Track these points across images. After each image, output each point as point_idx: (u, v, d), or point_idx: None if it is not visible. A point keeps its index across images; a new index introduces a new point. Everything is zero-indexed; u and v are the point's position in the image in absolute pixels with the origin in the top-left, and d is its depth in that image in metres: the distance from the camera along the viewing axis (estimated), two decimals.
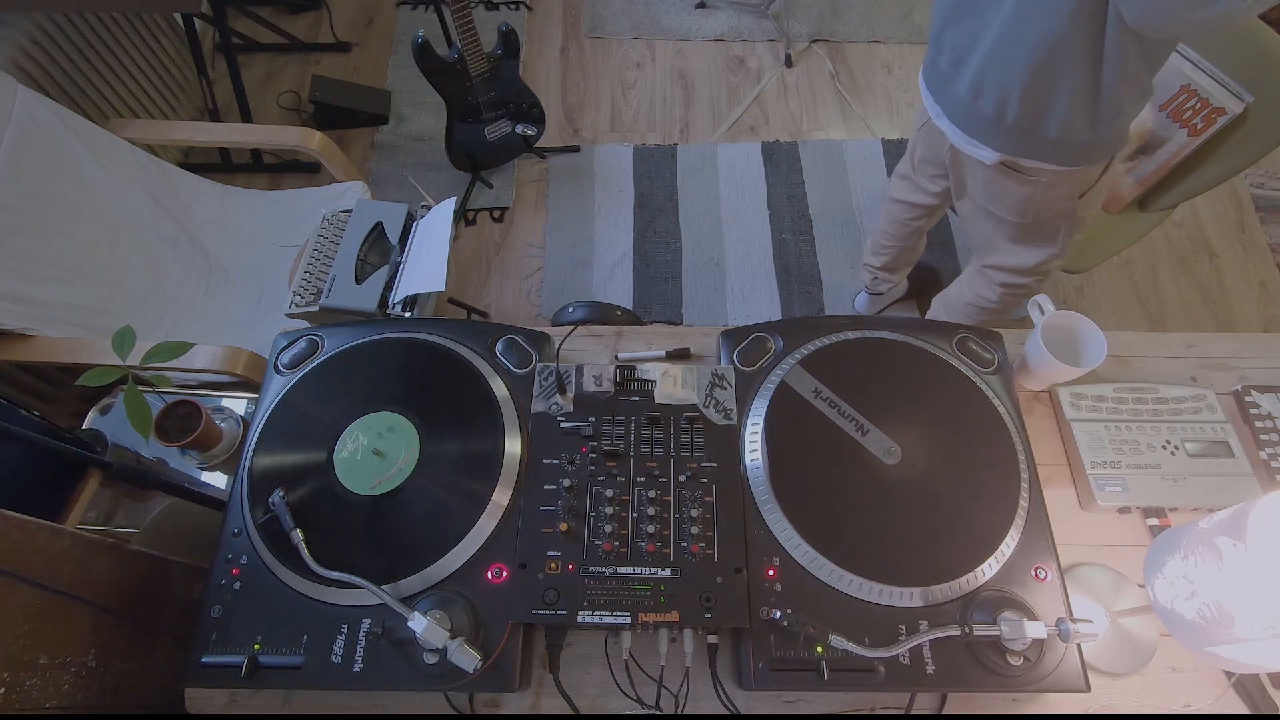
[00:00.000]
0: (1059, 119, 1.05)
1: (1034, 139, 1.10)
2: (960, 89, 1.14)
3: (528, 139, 2.15)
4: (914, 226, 1.69)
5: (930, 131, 1.35)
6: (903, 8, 2.68)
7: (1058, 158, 1.12)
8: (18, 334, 1.30)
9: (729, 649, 0.77)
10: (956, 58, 1.13)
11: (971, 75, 1.11)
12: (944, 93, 1.20)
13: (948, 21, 1.13)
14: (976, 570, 0.75)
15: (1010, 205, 1.28)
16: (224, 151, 2.19)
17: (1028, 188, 1.20)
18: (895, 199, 1.66)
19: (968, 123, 1.17)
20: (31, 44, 1.66)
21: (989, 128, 1.14)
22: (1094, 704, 0.78)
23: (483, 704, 0.78)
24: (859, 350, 0.89)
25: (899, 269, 1.89)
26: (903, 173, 1.60)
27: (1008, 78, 1.05)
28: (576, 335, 1.01)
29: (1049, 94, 1.03)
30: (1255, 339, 1.02)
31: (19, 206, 1.35)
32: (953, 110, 1.19)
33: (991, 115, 1.11)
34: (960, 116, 1.18)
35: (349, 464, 0.81)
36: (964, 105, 1.15)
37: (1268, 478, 0.90)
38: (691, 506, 0.77)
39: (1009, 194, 1.25)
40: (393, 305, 1.45)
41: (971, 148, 1.19)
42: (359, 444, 0.82)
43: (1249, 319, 2.08)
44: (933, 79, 1.23)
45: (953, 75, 1.15)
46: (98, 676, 0.82)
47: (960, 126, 1.19)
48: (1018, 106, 1.07)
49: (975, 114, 1.14)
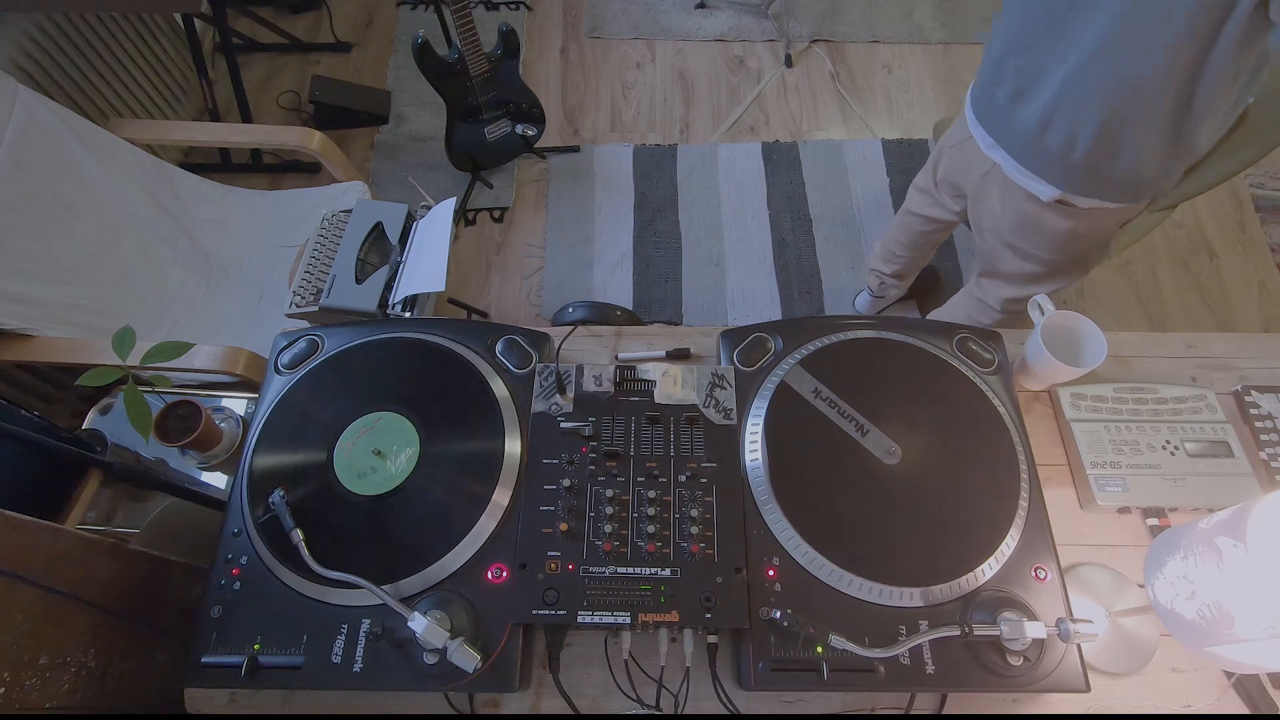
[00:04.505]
0: (1132, 157, 1.00)
1: (1100, 176, 1.05)
2: (1023, 121, 1.08)
3: (528, 139, 2.15)
4: (930, 240, 1.67)
5: (963, 155, 1.29)
6: (903, 8, 2.68)
7: (1120, 195, 1.08)
8: (18, 334, 1.30)
9: (729, 649, 0.77)
10: (1019, 89, 1.07)
11: (1040, 108, 1.04)
12: (1001, 124, 1.13)
13: (1012, 50, 1.07)
14: (976, 570, 0.75)
15: (1045, 242, 1.21)
16: (224, 151, 2.19)
17: (1071, 223, 1.15)
18: (913, 212, 1.60)
19: (1028, 156, 1.11)
20: (31, 44, 1.66)
21: (1052, 163, 1.07)
22: (1094, 704, 0.78)
23: (483, 704, 0.78)
24: (859, 350, 0.89)
25: (907, 276, 1.89)
26: (922, 186, 1.54)
27: (1083, 113, 0.99)
28: (576, 335, 1.01)
29: (1127, 131, 0.98)
30: (1255, 339, 1.02)
31: (19, 206, 1.35)
32: (1011, 142, 1.12)
33: (1058, 151, 1.05)
34: (1020, 149, 1.11)
35: (349, 464, 0.81)
36: (1026, 138, 1.09)
37: (1268, 478, 0.90)
38: (691, 506, 0.77)
39: (1047, 230, 1.18)
40: (393, 305, 1.45)
41: (1028, 181, 1.12)
42: (359, 444, 0.82)
43: (1249, 319, 2.08)
44: (985, 108, 1.16)
45: (1013, 107, 1.09)
46: (98, 676, 0.82)
47: (1019, 159, 1.12)
48: (1089, 143, 1.01)
49: (1039, 148, 1.08)
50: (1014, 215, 1.21)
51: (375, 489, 0.79)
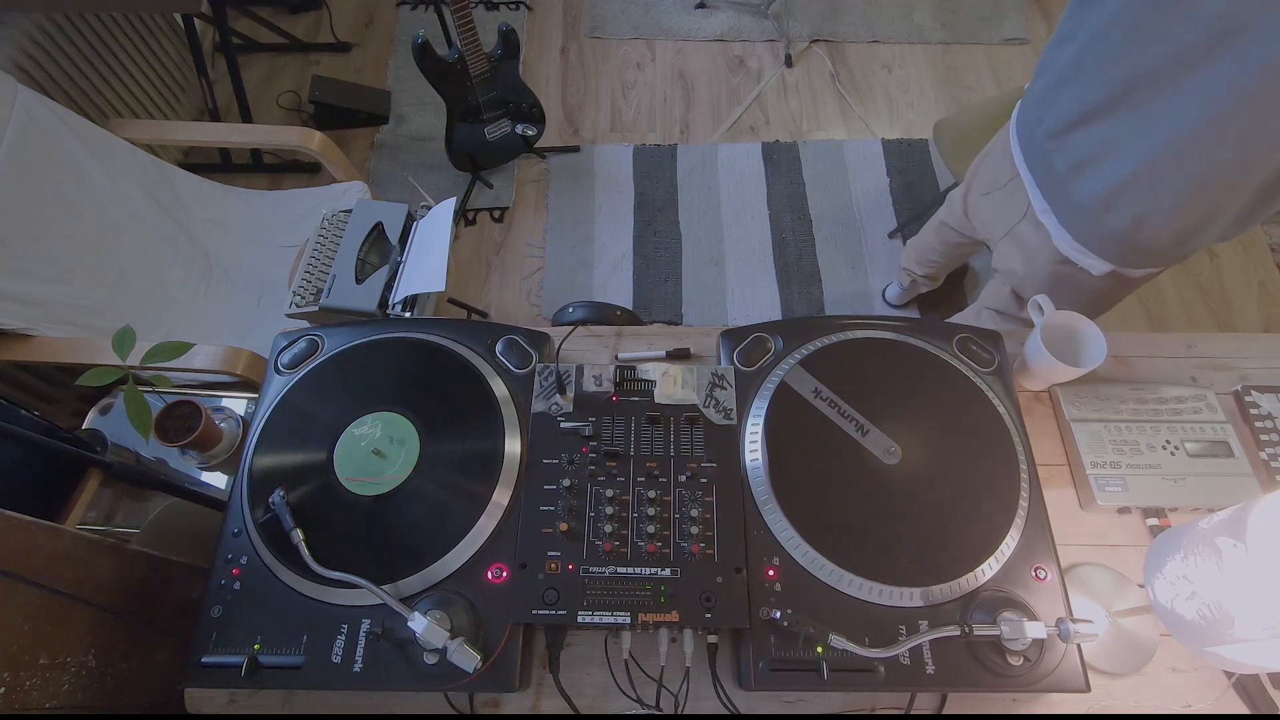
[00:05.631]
0: (1202, 238, 0.96)
1: (1162, 251, 0.99)
2: (1084, 196, 1.00)
3: (528, 139, 2.15)
4: (966, 249, 1.63)
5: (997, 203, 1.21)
6: (903, 8, 2.68)
7: (1174, 260, 1.03)
8: (18, 334, 1.30)
9: (729, 649, 0.77)
10: (1082, 162, 0.99)
11: (1107, 185, 0.96)
12: (1056, 192, 1.05)
13: (1084, 120, 0.97)
14: (976, 570, 0.75)
15: (1076, 299, 1.14)
16: (224, 151, 2.19)
17: (1109, 283, 1.09)
18: (948, 225, 1.54)
19: (1084, 231, 1.03)
20: (31, 44, 1.66)
21: (1112, 241, 1.00)
22: (1094, 704, 0.78)
23: (483, 704, 0.78)
24: (859, 350, 0.89)
25: (939, 275, 1.88)
26: (957, 203, 1.45)
27: (1159, 198, 0.92)
28: (576, 335, 1.01)
29: (1204, 218, 0.93)
30: (1255, 339, 1.02)
31: (19, 206, 1.35)
32: (1067, 214, 1.05)
33: (1123, 231, 0.98)
34: (1076, 223, 1.04)
35: (349, 464, 0.80)
36: (1085, 214, 1.01)
37: (1268, 478, 0.90)
38: (691, 506, 0.77)
39: (1081, 289, 1.11)
40: (393, 305, 1.45)
41: (1080, 255, 1.05)
42: (359, 444, 0.82)
43: (1249, 319, 2.08)
44: (1039, 169, 1.07)
45: (1072, 177, 1.01)
46: (98, 676, 0.82)
47: (1073, 232, 1.05)
48: (1159, 227, 0.95)
49: (1099, 225, 1.01)
50: (1047, 275, 1.15)
51: (375, 489, 0.79)
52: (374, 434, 0.82)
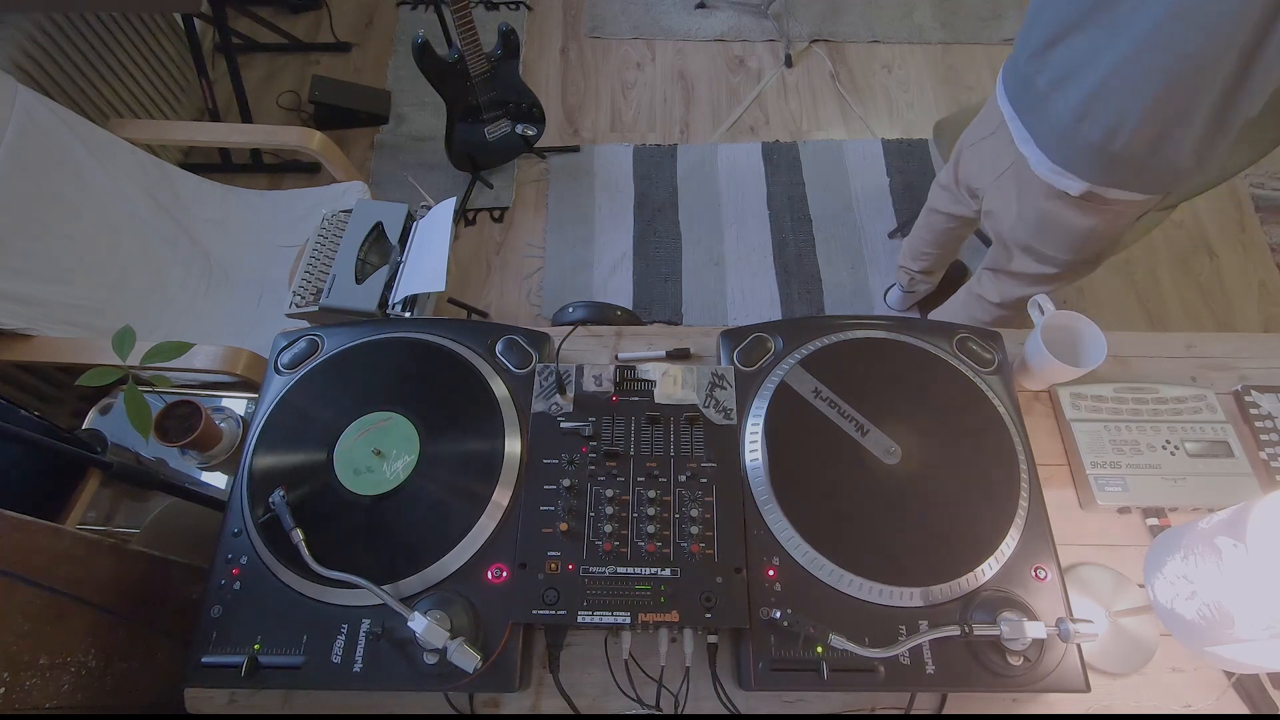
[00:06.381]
0: (1174, 145, 0.97)
1: (1137, 167, 1.02)
2: (1060, 110, 1.03)
3: (528, 139, 2.15)
4: (955, 235, 1.67)
5: (978, 155, 1.26)
6: (903, 8, 2.68)
7: (1151, 186, 1.05)
8: (18, 334, 1.30)
9: (729, 649, 0.77)
10: (1063, 76, 1.02)
11: (1082, 97, 1.00)
12: (1036, 113, 1.09)
13: (1061, 36, 1.02)
14: (976, 570, 0.75)
15: (1064, 242, 1.18)
16: (224, 151, 2.19)
17: (1093, 220, 1.12)
18: (936, 209, 1.60)
19: (1060, 149, 1.06)
20: (31, 44, 1.66)
21: (1087, 155, 1.03)
22: (1094, 704, 0.78)
23: (483, 704, 0.78)
24: (859, 350, 0.89)
25: (936, 271, 1.89)
26: (944, 183, 1.53)
27: (1130, 100, 0.95)
28: (576, 335, 1.01)
29: (1172, 120, 0.95)
30: (1255, 339, 1.02)
31: (19, 206, 1.35)
32: (1044, 134, 1.08)
33: (1096, 142, 1.01)
34: (1053, 141, 1.07)
35: (349, 464, 0.81)
36: (1061, 129, 1.05)
37: (1268, 478, 0.90)
38: (691, 506, 0.77)
39: (1068, 230, 1.15)
40: (393, 305, 1.45)
41: (1057, 177, 1.08)
42: (359, 444, 0.82)
43: (1249, 319, 2.08)
44: (1022, 97, 1.11)
45: (1052, 94, 1.04)
46: (98, 676, 0.82)
47: (1050, 153, 1.08)
48: (1131, 134, 0.97)
49: (1074, 139, 1.03)
50: (1034, 216, 1.19)
51: (375, 489, 0.79)
52: (374, 434, 0.82)
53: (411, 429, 0.83)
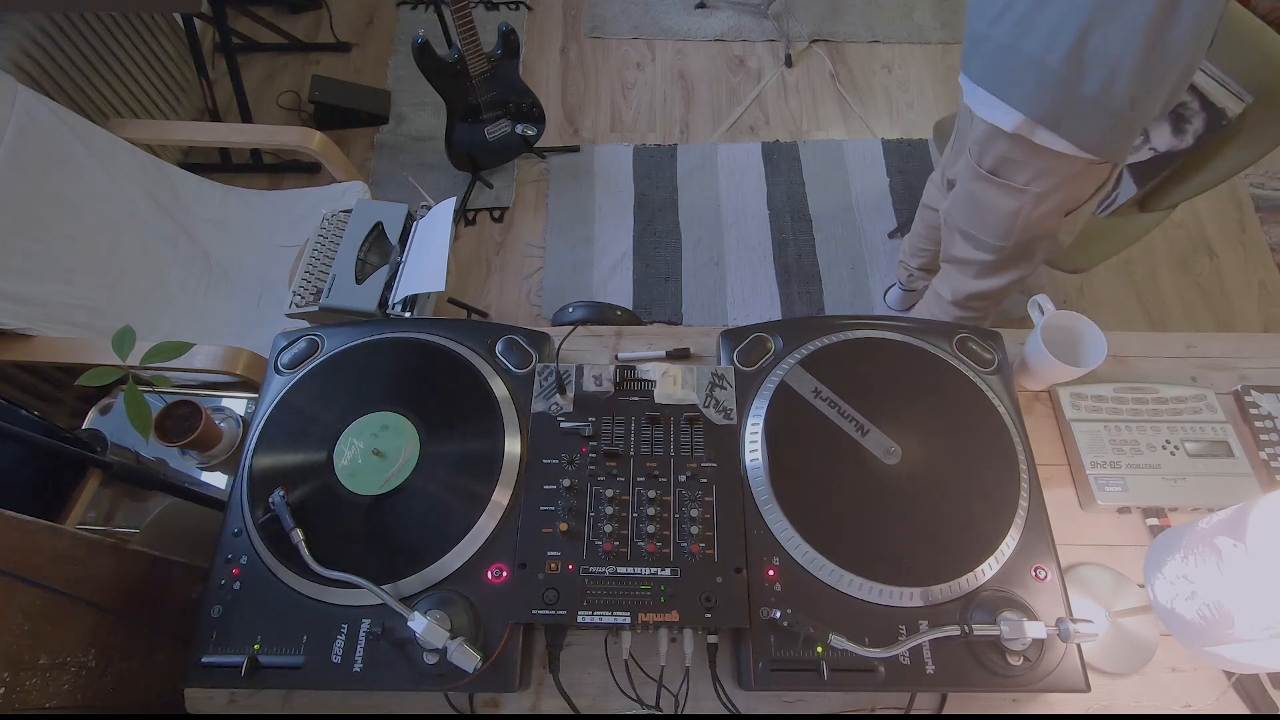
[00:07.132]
0: (1105, 71, 0.97)
1: (1070, 96, 1.01)
2: (1001, 32, 1.05)
3: (528, 139, 2.15)
4: None
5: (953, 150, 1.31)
6: (903, 8, 2.68)
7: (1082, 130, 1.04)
8: (18, 334, 1.30)
9: (729, 649, 0.77)
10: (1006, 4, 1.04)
11: (1019, 15, 1.02)
12: (980, 45, 1.10)
13: None
14: (976, 570, 0.75)
15: (993, 224, 1.23)
16: (224, 151, 2.19)
17: (1016, 201, 1.16)
18: (928, 205, 1.66)
19: (998, 72, 1.07)
20: (31, 44, 1.66)
21: (1024, 73, 1.03)
22: (1094, 704, 0.78)
23: (483, 704, 0.78)
24: (859, 350, 0.89)
25: (933, 269, 1.90)
26: (935, 180, 1.59)
27: (1066, 18, 0.97)
28: (576, 335, 1.01)
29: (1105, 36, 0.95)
30: (1255, 339, 1.02)
31: (19, 206, 1.35)
32: (984, 61, 1.09)
33: (1032, 57, 1.01)
34: (990, 65, 1.08)
35: (349, 464, 0.81)
36: (1001, 49, 1.05)
37: (1268, 478, 0.90)
38: (691, 506, 0.77)
39: (994, 209, 1.20)
40: (393, 305, 1.45)
41: (991, 110, 1.09)
42: (359, 444, 0.82)
43: (1249, 319, 2.08)
44: (972, 54, 1.13)
45: (997, 21, 1.06)
46: (98, 676, 0.82)
47: (986, 81, 1.09)
48: (1066, 48, 0.98)
49: (1010, 57, 1.04)
50: (965, 197, 1.25)
51: (375, 489, 0.79)
52: (374, 434, 0.82)
53: (411, 429, 0.83)
